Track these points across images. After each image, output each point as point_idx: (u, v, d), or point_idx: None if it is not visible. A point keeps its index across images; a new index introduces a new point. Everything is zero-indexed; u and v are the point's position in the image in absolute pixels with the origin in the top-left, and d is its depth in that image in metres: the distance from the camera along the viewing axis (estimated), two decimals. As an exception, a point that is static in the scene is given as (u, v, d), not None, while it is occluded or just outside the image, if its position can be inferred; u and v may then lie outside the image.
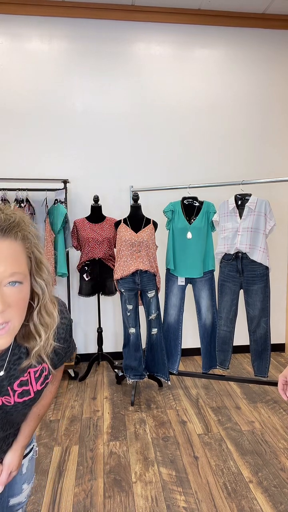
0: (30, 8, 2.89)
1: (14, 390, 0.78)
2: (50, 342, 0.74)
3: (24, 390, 0.80)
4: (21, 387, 0.79)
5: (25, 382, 0.79)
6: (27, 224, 0.69)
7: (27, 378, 0.80)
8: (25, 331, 0.73)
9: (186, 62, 3.14)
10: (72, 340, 0.93)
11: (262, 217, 2.37)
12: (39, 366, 0.81)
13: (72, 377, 2.92)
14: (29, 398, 0.82)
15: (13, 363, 0.76)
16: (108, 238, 2.82)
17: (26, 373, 0.79)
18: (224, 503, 1.67)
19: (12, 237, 0.65)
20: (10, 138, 3.02)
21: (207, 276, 2.61)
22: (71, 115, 3.06)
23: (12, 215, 0.67)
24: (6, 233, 0.64)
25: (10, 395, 0.78)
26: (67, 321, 0.87)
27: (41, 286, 0.71)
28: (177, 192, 3.21)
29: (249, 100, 3.24)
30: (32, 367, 0.80)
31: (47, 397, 0.96)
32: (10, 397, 0.78)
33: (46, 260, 0.72)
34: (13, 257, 0.63)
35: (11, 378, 0.77)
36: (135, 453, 2.03)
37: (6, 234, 0.64)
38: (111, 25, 3.02)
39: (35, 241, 0.70)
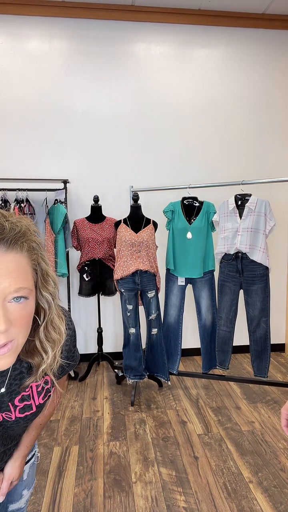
0: (30, 8, 2.89)
1: (15, 405, 0.75)
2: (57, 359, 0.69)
3: (26, 405, 0.76)
4: (22, 402, 0.75)
5: (27, 397, 0.76)
6: (33, 233, 0.64)
7: (29, 393, 0.76)
8: (29, 347, 0.68)
9: (186, 62, 3.14)
10: (76, 350, 0.88)
11: (262, 217, 2.37)
12: (41, 380, 0.77)
13: (72, 377, 2.92)
14: (31, 413, 0.78)
15: (14, 378, 0.72)
16: (108, 238, 2.82)
17: (27, 389, 0.76)
18: (224, 503, 1.67)
19: (18, 249, 0.59)
20: (10, 138, 3.02)
21: (207, 276, 2.61)
22: (71, 115, 3.06)
23: (17, 223, 0.61)
24: (11, 245, 0.58)
25: (11, 411, 0.75)
26: (72, 332, 0.82)
27: (48, 300, 0.66)
28: (177, 192, 3.21)
29: (249, 100, 3.24)
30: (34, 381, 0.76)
31: (49, 407, 0.93)
32: (11, 413, 0.75)
33: (52, 272, 0.66)
34: (18, 271, 0.58)
35: (12, 393, 0.73)
36: (135, 453, 2.03)
37: (11, 246, 0.58)
38: (111, 25, 3.02)
39: (41, 252, 0.65)
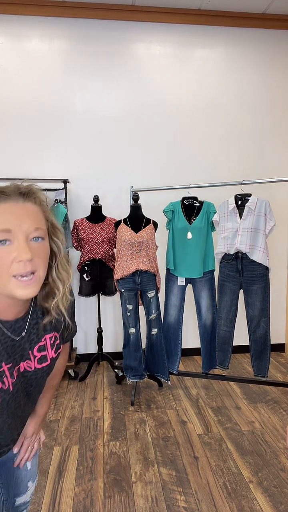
0: (30, 8, 2.89)
1: (34, 355, 0.86)
2: (67, 295, 0.84)
3: (42, 356, 0.87)
4: (39, 353, 0.86)
5: (43, 347, 0.87)
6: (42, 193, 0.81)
7: (44, 343, 0.87)
8: (45, 291, 0.82)
9: (186, 62, 3.14)
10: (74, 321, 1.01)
11: (262, 217, 2.37)
12: (52, 333, 0.89)
13: (72, 377, 2.92)
14: (47, 365, 0.89)
15: (32, 327, 0.84)
16: (108, 238, 2.82)
17: (43, 339, 0.87)
18: (224, 503, 1.67)
19: (32, 201, 0.76)
20: (10, 138, 3.02)
21: (207, 276, 2.61)
22: (72, 115, 3.06)
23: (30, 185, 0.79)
24: (27, 197, 0.75)
25: (31, 360, 0.85)
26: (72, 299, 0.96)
27: (57, 245, 0.80)
28: (177, 192, 3.20)
29: (249, 100, 3.24)
30: (47, 332, 0.88)
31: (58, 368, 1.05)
32: (31, 362, 0.85)
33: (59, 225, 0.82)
34: (35, 215, 0.74)
35: (31, 342, 0.84)
36: (135, 453, 2.03)
37: (27, 198, 0.75)
38: (111, 25, 3.02)
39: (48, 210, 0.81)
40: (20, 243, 0.69)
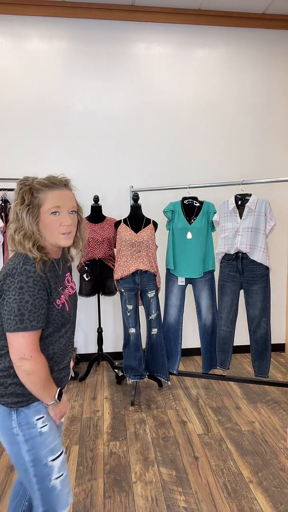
0: (30, 8, 2.89)
1: (68, 284, 1.24)
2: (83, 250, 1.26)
3: (71, 286, 1.26)
4: (68, 283, 1.24)
5: (69, 279, 1.26)
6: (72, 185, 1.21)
7: (68, 277, 1.26)
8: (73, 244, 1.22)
9: (186, 62, 3.14)
10: None
11: (262, 217, 2.37)
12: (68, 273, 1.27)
13: (72, 377, 2.92)
14: (75, 291, 1.28)
15: (63, 266, 1.22)
16: (108, 238, 2.82)
17: (66, 275, 1.25)
18: (224, 503, 1.67)
19: (69, 188, 1.17)
20: (10, 138, 3.02)
21: (207, 276, 2.60)
22: (71, 115, 3.06)
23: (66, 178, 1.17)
24: (67, 186, 1.16)
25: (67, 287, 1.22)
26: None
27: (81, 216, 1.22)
28: (177, 192, 3.21)
29: (249, 100, 3.24)
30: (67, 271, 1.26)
31: None
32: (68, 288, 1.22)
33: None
34: (71, 197, 1.15)
35: (64, 276, 1.22)
36: (135, 453, 2.03)
37: (67, 186, 1.16)
38: (112, 25, 3.02)
39: None
40: (64, 215, 1.11)
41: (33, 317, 1.00)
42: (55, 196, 1.09)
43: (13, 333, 1.00)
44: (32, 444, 1.05)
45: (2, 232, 2.75)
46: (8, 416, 1.05)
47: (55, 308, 1.09)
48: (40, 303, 1.03)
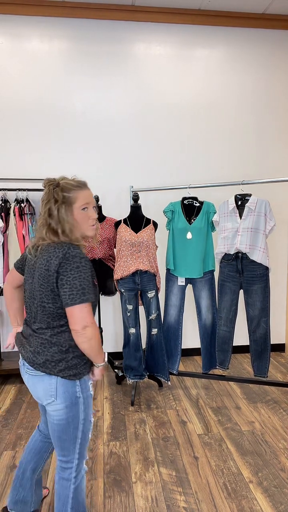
0: (30, 8, 2.89)
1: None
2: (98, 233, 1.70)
3: None
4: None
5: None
6: None
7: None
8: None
9: (186, 62, 3.14)
10: None
11: (262, 217, 2.37)
12: None
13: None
14: None
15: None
16: (108, 238, 2.82)
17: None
18: (224, 503, 1.67)
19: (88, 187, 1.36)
20: (10, 138, 3.02)
21: (207, 276, 2.60)
22: (71, 115, 3.06)
23: (80, 179, 1.36)
24: (86, 186, 1.35)
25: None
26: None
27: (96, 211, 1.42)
28: (177, 192, 3.21)
29: (249, 100, 3.24)
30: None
31: None
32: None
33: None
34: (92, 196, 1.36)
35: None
36: (135, 453, 2.03)
37: (86, 186, 1.35)
38: (111, 25, 3.02)
39: None
40: (91, 210, 1.33)
41: (90, 290, 1.22)
42: (85, 195, 1.31)
43: (79, 305, 1.19)
44: (87, 403, 1.31)
45: (2, 232, 2.75)
46: (72, 384, 1.26)
47: (95, 284, 1.29)
48: (91, 279, 1.24)
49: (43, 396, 1.27)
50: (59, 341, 1.25)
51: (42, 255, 1.25)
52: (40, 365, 1.24)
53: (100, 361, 1.30)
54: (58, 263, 1.21)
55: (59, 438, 1.30)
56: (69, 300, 1.18)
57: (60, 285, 1.20)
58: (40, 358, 1.24)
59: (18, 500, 1.48)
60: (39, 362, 1.24)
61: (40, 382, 1.26)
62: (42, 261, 1.24)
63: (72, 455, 1.31)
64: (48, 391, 1.25)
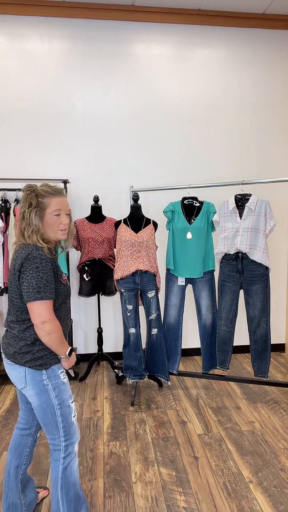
0: (30, 8, 2.89)
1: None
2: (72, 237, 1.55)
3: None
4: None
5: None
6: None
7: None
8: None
9: (186, 62, 3.14)
10: None
11: (262, 217, 2.37)
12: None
13: (72, 377, 2.92)
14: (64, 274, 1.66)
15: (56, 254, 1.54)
16: (108, 238, 2.82)
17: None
18: (224, 503, 1.67)
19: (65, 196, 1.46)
20: (10, 138, 3.02)
21: (207, 276, 2.60)
22: (71, 115, 3.06)
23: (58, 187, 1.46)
24: (63, 193, 1.45)
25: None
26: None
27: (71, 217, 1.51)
28: (177, 192, 3.21)
29: (249, 100, 3.24)
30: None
31: None
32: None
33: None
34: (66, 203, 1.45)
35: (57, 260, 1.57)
36: (135, 453, 2.03)
37: (63, 194, 1.45)
38: (111, 25, 3.02)
39: None
40: (63, 216, 1.42)
41: (47, 289, 1.32)
42: (58, 202, 1.40)
43: (33, 302, 1.31)
44: (59, 390, 1.40)
45: (2, 232, 2.75)
46: (38, 373, 1.37)
47: (61, 283, 1.42)
48: (51, 279, 1.35)
49: (16, 381, 1.42)
50: (25, 336, 1.38)
51: (14, 254, 1.42)
52: (11, 355, 1.39)
53: (62, 353, 1.40)
54: (21, 263, 1.34)
55: (42, 422, 1.42)
56: (26, 297, 1.32)
57: (21, 283, 1.34)
58: (11, 349, 1.39)
59: (10, 505, 1.51)
60: (10, 353, 1.39)
61: (13, 370, 1.41)
62: (13, 260, 1.40)
63: (58, 438, 1.42)
64: (19, 378, 1.40)
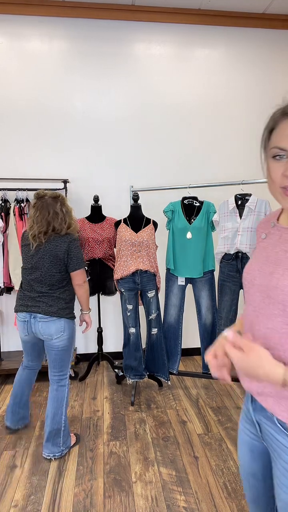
0: (30, 8, 2.89)
1: None
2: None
3: None
4: None
5: None
6: None
7: None
8: None
9: (186, 62, 3.14)
10: None
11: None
12: None
13: (72, 377, 2.92)
14: None
15: None
16: (108, 238, 2.82)
17: None
18: (224, 503, 1.67)
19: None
20: (10, 138, 3.02)
21: (207, 276, 2.60)
22: (71, 115, 3.06)
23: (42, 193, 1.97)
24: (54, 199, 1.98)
25: None
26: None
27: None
28: (177, 192, 3.21)
29: (249, 100, 3.24)
30: None
31: None
32: None
33: None
34: None
35: None
36: (135, 453, 2.03)
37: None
38: (111, 25, 3.02)
39: None
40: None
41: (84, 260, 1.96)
42: None
43: (82, 269, 1.94)
44: (74, 334, 2.02)
45: (2, 232, 2.75)
46: (72, 321, 1.99)
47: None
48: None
49: (55, 332, 1.90)
50: (64, 296, 1.94)
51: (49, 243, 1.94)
52: (55, 312, 1.89)
53: (87, 307, 2.06)
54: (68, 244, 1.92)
55: (62, 359, 1.96)
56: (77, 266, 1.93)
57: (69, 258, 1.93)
58: (54, 308, 1.90)
59: (20, 418, 2.15)
60: (54, 311, 1.89)
61: (53, 324, 1.89)
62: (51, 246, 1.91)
63: (67, 369, 1.99)
64: (59, 328, 1.91)
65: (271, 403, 0.78)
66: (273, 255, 0.81)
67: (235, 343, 0.74)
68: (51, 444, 1.96)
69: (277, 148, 0.75)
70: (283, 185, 0.75)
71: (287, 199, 0.76)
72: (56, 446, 1.96)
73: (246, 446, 0.93)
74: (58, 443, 1.96)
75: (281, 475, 0.78)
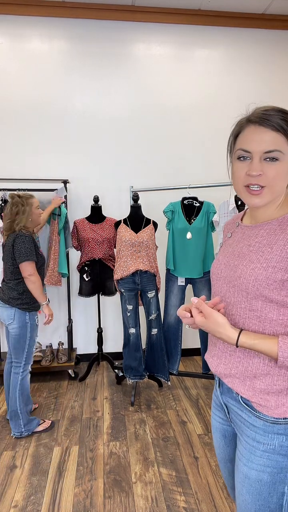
0: (30, 8, 2.89)
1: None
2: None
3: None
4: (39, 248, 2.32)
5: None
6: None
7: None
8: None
9: (186, 62, 3.14)
10: None
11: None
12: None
13: (72, 377, 2.92)
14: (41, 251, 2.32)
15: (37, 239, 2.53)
16: (108, 238, 2.82)
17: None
18: (224, 503, 1.67)
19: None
20: (10, 138, 3.02)
21: (207, 276, 2.60)
22: (71, 115, 3.06)
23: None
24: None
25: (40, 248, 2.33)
26: None
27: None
28: (177, 192, 3.21)
29: (249, 100, 3.24)
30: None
31: None
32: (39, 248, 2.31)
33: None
34: None
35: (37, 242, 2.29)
36: (135, 453, 2.03)
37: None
38: (111, 25, 3.02)
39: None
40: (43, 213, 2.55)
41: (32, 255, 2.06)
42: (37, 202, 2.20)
43: (24, 262, 2.03)
44: (32, 328, 2.14)
45: (1, 232, 2.75)
46: (23, 313, 2.10)
47: (39, 254, 2.14)
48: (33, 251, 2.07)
49: (7, 318, 2.10)
50: (17, 288, 2.11)
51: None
52: (6, 300, 2.09)
53: (42, 300, 2.11)
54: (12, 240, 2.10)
55: (14, 347, 2.11)
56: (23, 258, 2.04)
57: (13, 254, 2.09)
58: (6, 296, 2.10)
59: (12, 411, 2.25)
60: (6, 298, 2.10)
61: (5, 310, 2.11)
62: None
63: (21, 359, 2.13)
64: (9, 315, 2.10)
65: (237, 384, 0.87)
66: (237, 250, 0.91)
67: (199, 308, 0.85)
68: (13, 424, 2.15)
69: (242, 150, 0.88)
70: (247, 183, 0.86)
71: (250, 197, 0.85)
72: (17, 426, 2.14)
73: (218, 432, 1.02)
74: (18, 424, 2.14)
75: (243, 448, 0.86)
